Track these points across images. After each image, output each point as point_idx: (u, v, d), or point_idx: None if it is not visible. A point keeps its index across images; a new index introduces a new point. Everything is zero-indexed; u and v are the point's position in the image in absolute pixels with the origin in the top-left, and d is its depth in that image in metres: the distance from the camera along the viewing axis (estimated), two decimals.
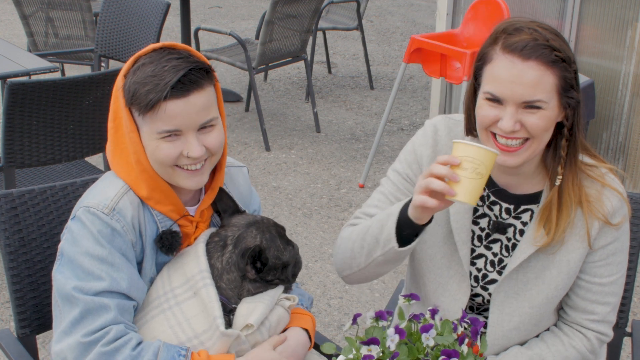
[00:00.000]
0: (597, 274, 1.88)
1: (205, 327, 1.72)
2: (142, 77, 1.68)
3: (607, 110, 4.58)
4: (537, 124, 1.72)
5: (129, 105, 1.71)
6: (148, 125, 1.70)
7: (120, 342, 1.66)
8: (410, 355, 1.48)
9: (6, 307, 3.45)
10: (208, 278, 1.75)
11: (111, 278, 1.69)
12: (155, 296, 1.78)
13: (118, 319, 1.69)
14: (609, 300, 1.90)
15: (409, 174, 1.97)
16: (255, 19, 9.03)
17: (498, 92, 1.72)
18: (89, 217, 1.72)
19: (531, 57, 1.69)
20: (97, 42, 4.96)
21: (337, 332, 3.42)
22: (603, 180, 1.84)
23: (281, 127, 5.84)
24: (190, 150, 1.71)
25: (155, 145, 1.71)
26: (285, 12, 5.26)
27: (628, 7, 4.41)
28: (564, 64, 1.72)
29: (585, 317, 1.91)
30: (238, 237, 1.81)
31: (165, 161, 1.72)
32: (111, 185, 1.78)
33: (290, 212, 4.54)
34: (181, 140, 1.71)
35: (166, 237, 1.79)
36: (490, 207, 1.92)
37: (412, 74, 7.09)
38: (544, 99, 1.70)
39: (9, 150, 3.15)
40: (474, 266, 1.95)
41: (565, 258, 1.86)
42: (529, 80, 1.69)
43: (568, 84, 1.73)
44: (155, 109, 1.66)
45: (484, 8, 4.38)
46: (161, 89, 1.65)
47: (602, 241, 1.86)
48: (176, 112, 1.67)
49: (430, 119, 2.04)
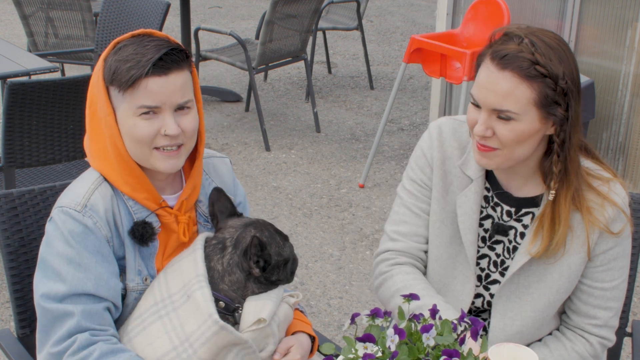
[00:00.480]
0: (598, 278, 1.88)
1: (194, 328, 1.71)
2: (124, 55, 1.72)
3: (607, 110, 4.58)
4: (507, 135, 1.73)
5: (109, 83, 1.74)
6: (127, 103, 1.73)
7: (84, 354, 1.68)
8: (411, 355, 1.48)
9: (6, 307, 3.45)
10: (204, 281, 1.74)
11: (75, 279, 1.71)
12: (153, 302, 1.77)
13: (82, 325, 1.70)
14: (611, 305, 1.90)
15: (424, 179, 1.98)
16: (255, 19, 9.03)
17: (475, 95, 1.76)
18: (61, 217, 1.74)
19: (507, 67, 1.70)
20: (97, 42, 4.96)
21: (337, 332, 3.42)
22: (605, 192, 1.82)
23: (281, 127, 5.84)
24: (167, 128, 1.73)
25: (133, 123, 1.73)
26: (285, 12, 5.26)
27: (628, 7, 4.41)
28: (545, 79, 1.69)
29: (588, 321, 1.91)
30: (237, 238, 1.81)
31: (143, 139, 1.74)
32: (82, 182, 1.80)
33: (290, 212, 4.53)
34: (159, 119, 1.74)
35: (137, 227, 1.79)
36: (494, 208, 1.92)
37: (412, 74, 7.09)
38: (514, 110, 1.70)
39: (9, 150, 3.15)
40: (478, 266, 1.95)
41: (566, 262, 1.86)
42: (500, 90, 1.70)
43: (550, 100, 1.71)
44: (136, 84, 1.70)
45: (484, 8, 4.38)
46: (143, 64, 1.69)
47: (603, 246, 1.86)
48: (156, 89, 1.71)
49: (430, 119, 2.06)
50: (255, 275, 1.79)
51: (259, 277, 1.80)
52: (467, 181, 1.92)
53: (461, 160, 1.93)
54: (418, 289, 1.92)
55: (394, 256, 2.01)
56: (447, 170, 1.95)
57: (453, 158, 1.94)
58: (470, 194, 1.90)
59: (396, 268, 1.99)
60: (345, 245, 4.18)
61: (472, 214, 1.90)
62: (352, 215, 4.50)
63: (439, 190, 1.96)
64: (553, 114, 1.72)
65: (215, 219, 1.90)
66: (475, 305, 1.97)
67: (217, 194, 1.90)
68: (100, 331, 1.72)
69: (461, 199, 1.91)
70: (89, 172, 1.83)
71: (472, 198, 1.90)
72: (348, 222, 4.43)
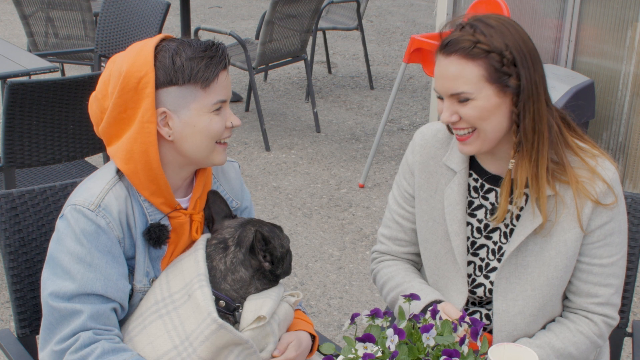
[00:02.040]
0: (596, 255, 1.90)
1: (194, 326, 1.71)
2: (191, 55, 1.75)
3: (607, 110, 4.58)
4: (471, 114, 1.80)
5: (187, 82, 1.73)
6: (201, 101, 1.75)
7: (86, 351, 1.68)
8: (411, 355, 1.48)
9: (6, 307, 3.45)
10: (204, 281, 1.75)
11: (84, 279, 1.71)
12: (154, 301, 1.78)
13: (87, 325, 1.70)
14: (611, 282, 1.91)
15: (406, 187, 2.07)
16: (255, 19, 9.03)
17: (435, 88, 1.85)
18: (74, 215, 1.73)
19: (451, 53, 1.79)
20: (97, 42, 4.96)
21: (337, 332, 3.42)
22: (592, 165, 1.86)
23: (281, 127, 5.84)
24: (233, 119, 1.81)
25: (209, 120, 1.77)
26: (285, 12, 5.26)
27: (628, 7, 4.41)
28: (489, 55, 1.77)
29: (590, 300, 1.92)
30: (239, 236, 1.82)
31: (218, 133, 1.79)
32: (97, 181, 1.79)
33: (290, 212, 4.54)
34: (223, 113, 1.80)
35: (154, 230, 1.79)
36: (485, 196, 1.96)
37: (412, 74, 7.09)
38: (468, 90, 1.79)
39: (9, 150, 3.15)
40: (477, 256, 1.98)
41: (562, 238, 1.88)
42: (450, 74, 1.79)
43: (499, 73, 1.78)
44: (216, 80, 1.75)
45: (484, 8, 4.38)
46: (218, 60, 1.75)
47: (597, 221, 1.87)
48: (225, 83, 1.79)
49: (430, 119, 2.10)
50: (266, 269, 1.80)
51: (265, 272, 1.81)
52: (452, 174, 1.97)
53: (445, 156, 1.98)
54: (399, 277, 2.05)
55: (378, 256, 2.16)
56: (431, 171, 2.00)
57: (437, 157, 2.00)
58: (454, 185, 1.95)
59: (380, 264, 2.14)
60: (345, 245, 4.18)
61: (457, 205, 1.95)
62: (352, 215, 4.50)
63: (425, 191, 2.01)
64: (506, 85, 1.79)
65: (211, 222, 1.90)
66: (477, 296, 1.98)
67: (213, 196, 1.91)
68: (105, 331, 1.72)
69: (447, 191, 1.96)
70: (105, 170, 1.82)
71: (456, 189, 1.95)
72: (348, 222, 4.43)
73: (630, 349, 2.97)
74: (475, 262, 1.98)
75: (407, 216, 2.07)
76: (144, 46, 1.76)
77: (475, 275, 1.98)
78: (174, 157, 1.80)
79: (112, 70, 1.76)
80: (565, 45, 4.73)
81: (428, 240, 2.01)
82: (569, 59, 4.73)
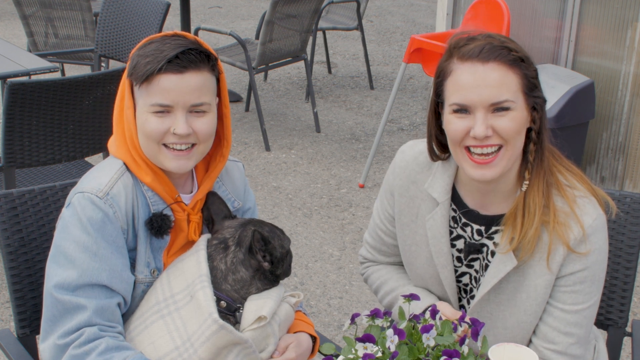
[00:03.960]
0: (560, 299, 1.81)
1: (195, 327, 1.71)
2: (146, 51, 1.74)
3: (607, 110, 4.58)
4: (509, 126, 1.69)
5: (129, 76, 1.76)
6: (143, 98, 1.75)
7: (90, 347, 1.68)
8: (411, 356, 1.48)
9: (6, 307, 3.45)
10: (206, 281, 1.75)
11: (89, 268, 1.70)
12: (155, 302, 1.78)
13: (92, 320, 1.69)
14: (571, 331, 1.81)
15: (387, 207, 2.01)
16: (255, 19, 9.03)
17: (465, 100, 1.70)
18: (81, 202, 1.73)
19: (490, 58, 1.68)
20: (97, 42, 4.96)
21: (337, 332, 3.42)
22: (573, 206, 1.76)
23: (281, 127, 5.84)
24: (176, 126, 1.74)
25: (145, 119, 1.75)
26: (285, 12, 5.26)
27: (628, 7, 4.41)
28: (523, 64, 1.71)
29: (546, 345, 1.83)
30: (239, 236, 1.82)
31: (152, 135, 1.74)
32: (105, 170, 1.80)
33: (290, 212, 4.54)
34: (170, 118, 1.75)
35: (156, 219, 1.79)
36: (464, 228, 1.90)
37: (412, 74, 7.09)
38: (511, 98, 1.69)
39: (9, 150, 3.15)
40: (460, 283, 1.94)
41: (533, 283, 1.81)
42: (492, 81, 1.68)
43: (532, 83, 1.72)
44: (150, 80, 1.71)
45: (484, 8, 4.38)
46: (158, 60, 1.70)
47: (569, 268, 1.78)
48: (169, 87, 1.71)
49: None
50: (265, 269, 1.80)
51: (265, 272, 1.80)
52: (434, 204, 1.89)
53: (427, 183, 1.90)
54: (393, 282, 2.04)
55: (365, 261, 2.17)
56: (412, 196, 1.93)
57: (418, 182, 1.92)
58: (437, 217, 1.88)
59: (369, 269, 2.14)
60: (345, 245, 4.18)
61: (441, 237, 1.88)
62: (352, 215, 4.50)
63: (406, 216, 1.95)
64: (535, 97, 1.73)
65: (211, 223, 1.90)
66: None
67: (211, 197, 1.90)
68: (109, 327, 1.72)
69: (429, 222, 1.89)
70: (111, 160, 1.83)
71: (440, 221, 1.88)
72: (348, 222, 4.43)
73: (630, 349, 2.97)
74: (460, 286, 1.95)
75: (388, 232, 2.04)
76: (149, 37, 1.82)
77: (461, 296, 1.95)
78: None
79: None
80: (565, 45, 4.73)
81: (412, 264, 1.98)
82: (569, 59, 4.73)
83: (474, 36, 1.74)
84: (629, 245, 2.07)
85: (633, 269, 2.10)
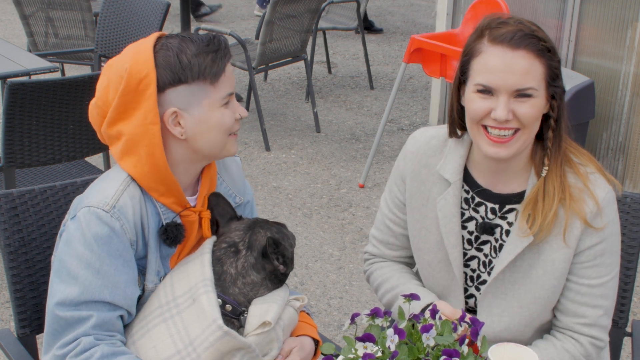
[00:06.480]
0: (584, 275, 1.86)
1: (198, 332, 1.70)
2: (196, 51, 1.72)
3: (607, 110, 4.58)
4: (529, 112, 1.75)
5: (196, 79, 1.72)
6: (212, 96, 1.74)
7: (86, 355, 1.67)
8: (411, 355, 1.48)
9: (6, 307, 3.45)
10: (210, 286, 1.73)
11: (91, 286, 1.69)
12: (158, 305, 1.77)
13: (90, 332, 1.69)
14: (599, 303, 1.87)
15: (397, 194, 2.02)
16: (255, 19, 9.02)
17: (490, 82, 1.75)
18: (87, 217, 1.70)
19: (520, 46, 1.73)
20: (97, 42, 4.96)
21: (337, 332, 3.42)
22: (586, 181, 1.83)
23: (281, 127, 5.84)
24: (241, 111, 1.81)
25: (220, 114, 1.77)
26: (285, 12, 5.26)
27: (628, 7, 4.41)
28: (549, 54, 1.77)
29: (576, 320, 1.88)
30: (250, 240, 1.81)
31: (230, 126, 1.78)
32: (110, 181, 1.77)
33: (290, 212, 4.54)
34: (231, 105, 1.79)
35: (171, 229, 1.78)
36: (476, 209, 1.92)
37: (412, 74, 7.09)
38: (535, 86, 1.75)
39: (9, 150, 3.15)
40: (468, 267, 1.95)
41: (550, 257, 1.85)
42: (519, 69, 1.73)
43: (554, 73, 1.78)
44: (223, 73, 1.75)
45: (484, 8, 4.38)
46: (223, 53, 1.74)
47: (587, 242, 1.84)
48: (231, 75, 1.78)
49: (430, 119, 2.07)
50: (282, 272, 1.81)
51: (278, 274, 1.81)
52: (446, 184, 1.92)
53: (439, 164, 1.93)
54: (394, 280, 2.04)
55: (370, 257, 2.15)
56: (423, 180, 1.95)
57: (430, 165, 1.95)
58: (449, 197, 1.90)
59: (373, 266, 2.13)
60: (345, 245, 4.18)
61: (452, 217, 1.90)
62: (352, 215, 4.50)
63: (417, 200, 1.97)
64: (556, 87, 1.78)
65: (215, 224, 1.89)
66: (469, 306, 1.97)
67: (215, 198, 1.89)
68: (107, 336, 1.72)
69: (441, 202, 1.91)
70: (116, 171, 1.79)
71: (451, 201, 1.90)
72: (348, 222, 4.43)
73: (630, 349, 2.97)
74: (467, 272, 1.96)
75: (398, 222, 2.04)
76: (140, 47, 1.73)
77: (467, 285, 1.96)
78: (186, 156, 1.79)
79: (109, 75, 1.74)
80: (565, 45, 4.73)
81: (421, 249, 1.99)
82: (569, 59, 4.73)
83: (505, 20, 1.78)
84: (629, 246, 2.07)
85: (633, 269, 2.10)
